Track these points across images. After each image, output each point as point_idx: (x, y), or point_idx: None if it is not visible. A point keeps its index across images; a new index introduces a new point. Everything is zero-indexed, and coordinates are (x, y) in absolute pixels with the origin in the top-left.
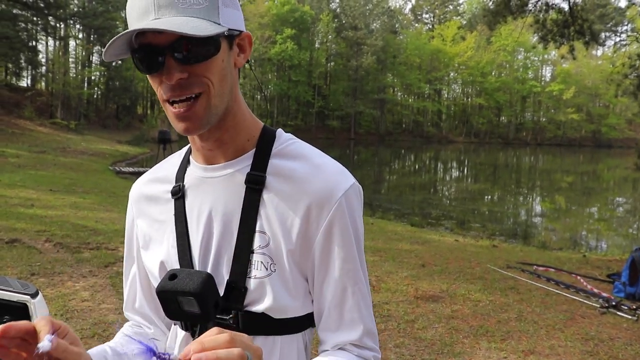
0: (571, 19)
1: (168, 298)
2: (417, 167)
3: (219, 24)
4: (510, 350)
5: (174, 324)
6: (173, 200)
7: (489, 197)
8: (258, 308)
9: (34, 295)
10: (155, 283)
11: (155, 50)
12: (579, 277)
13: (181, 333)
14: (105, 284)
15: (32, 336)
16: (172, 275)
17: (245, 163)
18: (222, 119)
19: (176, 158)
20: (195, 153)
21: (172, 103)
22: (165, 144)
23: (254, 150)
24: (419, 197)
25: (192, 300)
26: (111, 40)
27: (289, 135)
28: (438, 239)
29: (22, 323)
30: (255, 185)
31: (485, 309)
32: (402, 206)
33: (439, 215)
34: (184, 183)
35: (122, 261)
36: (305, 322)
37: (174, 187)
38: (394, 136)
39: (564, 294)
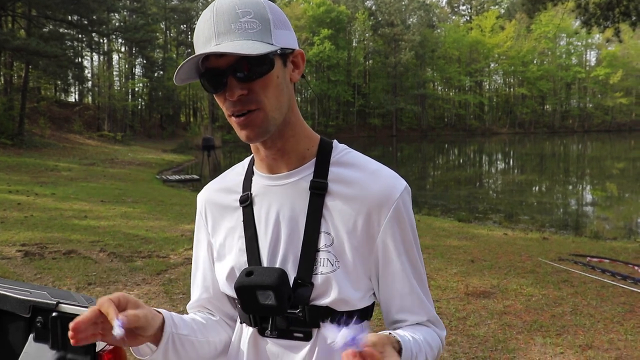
0: (615, 0)
1: (246, 293)
2: (461, 161)
3: (272, 44)
4: (566, 346)
5: (240, 323)
6: (241, 208)
7: (537, 188)
8: (324, 302)
9: None
10: (224, 288)
11: (218, 72)
12: (636, 268)
13: (247, 330)
14: (159, 291)
15: (101, 317)
16: (248, 272)
17: (307, 171)
18: (281, 129)
19: (240, 168)
20: (259, 163)
21: (236, 117)
22: (210, 150)
23: (314, 159)
24: (464, 191)
25: (270, 293)
26: (179, 66)
27: (344, 145)
28: (486, 233)
29: (87, 314)
30: (318, 190)
31: (538, 303)
32: (448, 201)
33: (486, 209)
34: (251, 192)
35: (174, 268)
36: (363, 315)
37: (241, 196)
38: (437, 131)
39: (621, 285)
